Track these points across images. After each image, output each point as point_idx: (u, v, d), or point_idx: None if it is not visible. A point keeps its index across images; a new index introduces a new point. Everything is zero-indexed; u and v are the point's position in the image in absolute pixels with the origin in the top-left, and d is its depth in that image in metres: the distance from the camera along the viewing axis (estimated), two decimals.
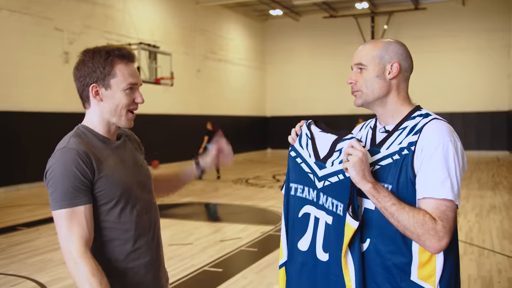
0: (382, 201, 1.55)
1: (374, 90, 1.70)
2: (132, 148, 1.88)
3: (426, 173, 1.55)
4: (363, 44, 1.77)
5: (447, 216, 1.51)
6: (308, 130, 1.87)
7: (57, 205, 1.59)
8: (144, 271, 1.76)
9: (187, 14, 17.74)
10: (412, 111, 1.70)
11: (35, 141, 11.47)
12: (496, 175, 13.02)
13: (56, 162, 1.61)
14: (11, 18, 11.19)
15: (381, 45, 1.72)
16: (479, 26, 19.86)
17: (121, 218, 1.70)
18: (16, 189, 11.16)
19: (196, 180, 12.51)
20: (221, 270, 5.00)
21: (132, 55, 1.75)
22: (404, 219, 1.52)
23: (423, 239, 1.51)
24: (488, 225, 6.89)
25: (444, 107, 20.25)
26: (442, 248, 1.51)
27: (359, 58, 1.73)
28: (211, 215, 8.70)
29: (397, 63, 1.68)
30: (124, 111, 1.73)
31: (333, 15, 21.88)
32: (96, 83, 1.70)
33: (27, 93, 11.55)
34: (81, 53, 1.74)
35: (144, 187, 1.82)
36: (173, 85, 14.98)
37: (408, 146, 1.59)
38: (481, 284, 4.47)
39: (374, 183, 1.57)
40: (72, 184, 1.58)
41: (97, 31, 13.61)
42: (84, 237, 1.58)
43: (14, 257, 5.61)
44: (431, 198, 1.53)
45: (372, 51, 1.70)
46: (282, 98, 23.50)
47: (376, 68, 1.69)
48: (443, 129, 1.59)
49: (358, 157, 1.55)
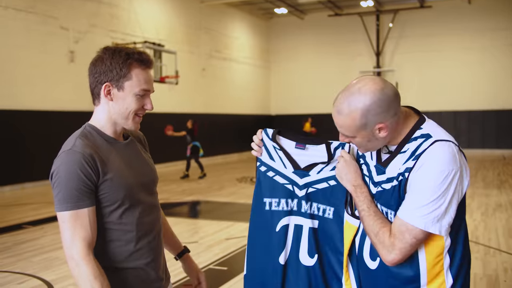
0: (357, 204, 1.66)
1: (373, 147, 1.65)
2: (139, 147, 1.89)
3: (408, 196, 1.55)
4: (337, 111, 1.59)
5: (402, 237, 1.52)
6: (274, 142, 1.85)
7: (61, 207, 1.61)
8: (146, 271, 1.77)
9: (192, 13, 17.75)
10: (413, 129, 1.61)
11: (40, 139, 11.52)
12: (502, 173, 12.97)
13: (61, 164, 1.62)
14: (17, 17, 11.23)
15: (358, 115, 1.54)
16: (484, 25, 19.77)
17: (123, 219, 1.72)
18: (22, 188, 11.21)
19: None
20: (226, 269, 5.01)
21: (150, 61, 1.75)
22: (366, 225, 1.62)
23: (376, 247, 1.59)
24: (494, 224, 6.87)
25: (449, 105, 20.18)
26: (391, 261, 1.55)
27: (342, 130, 1.62)
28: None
29: (382, 124, 1.55)
30: (132, 115, 1.74)
31: (338, 13, 21.83)
32: (110, 83, 1.70)
33: (33, 92, 11.59)
34: (101, 50, 1.74)
35: (147, 189, 1.83)
36: (178, 83, 15.00)
37: (404, 172, 1.57)
38: (486, 283, 4.46)
39: (356, 186, 1.68)
40: (77, 187, 1.60)
41: (103, 30, 13.64)
42: (87, 239, 1.60)
43: (20, 255, 5.64)
44: (399, 218, 1.54)
45: (353, 125, 1.56)
46: (287, 96, 23.48)
47: (365, 136, 1.59)
48: (441, 157, 1.50)
49: (341, 164, 1.72)
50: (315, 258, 1.82)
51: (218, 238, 6.24)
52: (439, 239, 1.56)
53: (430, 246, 1.57)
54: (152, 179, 1.88)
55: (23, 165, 11.27)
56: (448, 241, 1.56)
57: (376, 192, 1.66)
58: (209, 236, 6.37)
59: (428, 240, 1.56)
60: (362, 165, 1.76)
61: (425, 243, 1.57)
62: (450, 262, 1.58)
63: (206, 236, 6.40)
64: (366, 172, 1.73)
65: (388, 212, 1.63)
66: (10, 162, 10.98)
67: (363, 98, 1.53)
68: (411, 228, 1.51)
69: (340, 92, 1.62)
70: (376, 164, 1.68)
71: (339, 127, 1.62)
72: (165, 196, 9.65)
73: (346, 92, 1.58)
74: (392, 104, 1.54)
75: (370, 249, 1.69)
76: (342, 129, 1.61)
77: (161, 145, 15.52)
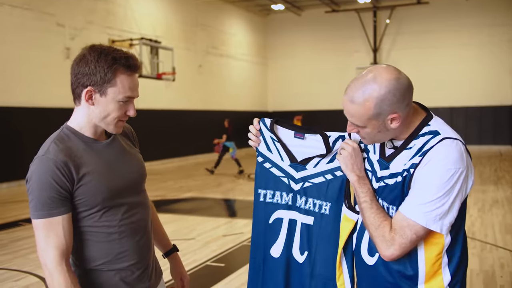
0: (359, 195, 1.64)
1: (381, 139, 1.62)
2: (123, 143, 1.81)
3: (411, 192, 1.54)
4: (350, 100, 1.55)
5: (403, 232, 1.51)
6: (272, 133, 1.83)
7: (34, 215, 1.57)
8: (132, 271, 1.73)
9: (189, 9, 17.70)
10: (420, 125, 1.58)
11: (36, 136, 11.44)
12: (499, 169, 13.00)
13: (34, 171, 1.58)
14: (12, 13, 11.17)
15: (372, 104, 1.50)
16: (481, 21, 19.78)
17: (104, 222, 1.67)
18: (18, 185, 11.18)
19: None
20: (223, 265, 5.01)
21: (137, 66, 1.67)
22: (367, 217, 1.60)
23: (375, 241, 1.58)
24: (491, 220, 6.89)
25: (446, 101, 20.20)
26: (390, 256, 1.54)
27: (353, 119, 1.57)
28: None
29: (396, 114, 1.52)
30: (114, 121, 1.67)
31: (335, 9, 21.80)
32: (92, 87, 1.61)
33: (29, 89, 11.55)
34: (87, 49, 1.64)
35: (132, 188, 1.76)
36: (175, 80, 14.98)
37: (409, 168, 1.55)
38: (483, 279, 4.47)
39: (360, 177, 1.65)
40: (49, 195, 1.55)
41: (99, 27, 13.59)
42: (61, 248, 1.56)
43: (17, 252, 5.63)
44: (401, 213, 1.54)
45: (366, 114, 1.53)
46: (284, 93, 23.46)
47: (376, 126, 1.55)
48: (449, 155, 1.48)
49: (348, 152, 1.66)
50: (305, 255, 1.80)
51: (215, 235, 6.24)
52: (439, 238, 1.55)
53: (430, 244, 1.56)
54: (137, 177, 1.79)
55: (20, 162, 11.22)
56: (448, 240, 1.56)
57: (378, 187, 1.65)
58: (206, 233, 6.37)
59: (428, 238, 1.55)
60: (365, 160, 1.74)
61: (425, 241, 1.56)
62: (449, 260, 1.58)
63: (204, 232, 6.40)
64: (368, 167, 1.71)
65: (389, 207, 1.62)
66: (6, 159, 10.95)
67: (378, 87, 1.49)
68: (413, 224, 1.50)
69: (352, 81, 1.57)
70: (379, 158, 1.66)
71: (350, 117, 1.58)
72: (162, 193, 9.64)
73: (359, 80, 1.54)
74: (406, 94, 1.52)
75: (368, 245, 1.69)
76: (353, 119, 1.57)
77: (157, 142, 15.51)
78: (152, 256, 1.86)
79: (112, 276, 1.69)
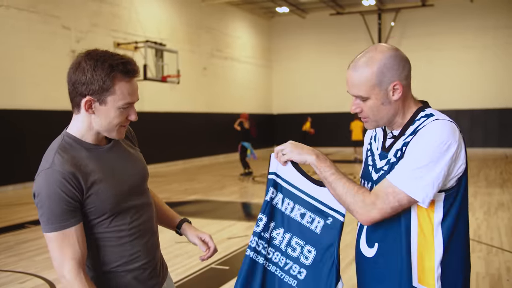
0: (323, 171, 1.63)
1: (383, 116, 1.64)
2: (124, 145, 1.80)
3: (401, 161, 1.55)
4: (353, 68, 1.60)
5: (386, 198, 1.52)
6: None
7: (46, 228, 1.56)
8: (144, 270, 1.76)
9: (193, 12, 17.75)
10: (416, 113, 1.63)
11: (42, 139, 11.48)
12: (504, 172, 12.94)
13: (42, 185, 1.55)
14: (18, 16, 11.24)
15: (375, 68, 1.56)
16: (486, 23, 19.73)
17: (115, 227, 1.68)
18: (24, 187, 11.22)
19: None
20: (228, 268, 5.01)
21: (136, 70, 1.63)
22: (338, 188, 1.60)
23: (351, 209, 1.57)
24: (496, 223, 6.85)
25: (451, 104, 20.14)
26: (369, 220, 1.55)
27: (356, 90, 1.60)
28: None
29: (398, 83, 1.57)
30: (116, 128, 1.65)
31: (340, 12, 21.80)
32: (91, 96, 1.58)
33: (35, 92, 11.60)
34: (82, 57, 1.60)
35: (136, 190, 1.76)
36: (180, 83, 15.01)
37: (401, 147, 1.59)
38: (489, 282, 4.45)
39: (318, 154, 1.66)
40: (60, 208, 1.54)
41: (104, 30, 13.64)
42: (77, 257, 1.57)
43: (22, 254, 5.64)
44: (387, 179, 1.55)
45: (369, 80, 1.57)
46: (289, 95, 23.47)
47: (379, 96, 1.59)
48: (439, 128, 1.51)
49: (288, 146, 1.70)
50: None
51: (220, 238, 6.23)
52: (430, 226, 1.56)
53: (422, 235, 1.57)
54: (140, 178, 1.79)
55: (25, 165, 11.27)
56: (440, 233, 1.56)
57: (377, 178, 1.66)
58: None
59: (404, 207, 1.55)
60: (368, 157, 1.77)
61: (418, 238, 1.57)
62: (443, 270, 1.58)
63: None
64: (370, 162, 1.74)
65: None
66: (12, 161, 10.99)
67: (380, 55, 1.57)
68: (397, 191, 1.51)
69: (357, 55, 1.65)
70: (381, 152, 1.69)
71: (353, 87, 1.61)
72: (166, 196, 9.66)
73: (362, 52, 1.63)
74: (406, 65, 1.60)
75: (366, 236, 1.69)
76: (356, 89, 1.60)
77: (161, 144, 15.53)
78: (159, 253, 1.89)
79: (126, 277, 1.71)
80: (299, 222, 1.74)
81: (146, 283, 1.77)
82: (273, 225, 1.77)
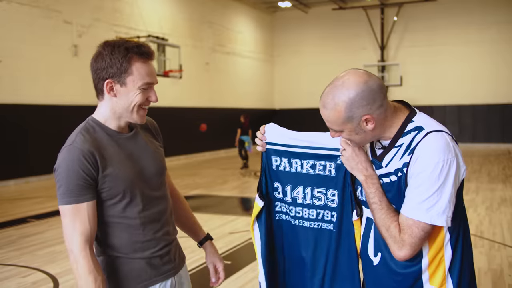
0: (368, 196, 1.63)
1: (363, 141, 1.65)
2: (145, 138, 1.89)
3: (408, 192, 1.56)
4: (322, 106, 1.60)
5: (411, 231, 1.53)
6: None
7: (62, 201, 1.66)
8: (154, 259, 1.82)
9: (195, 7, 17.70)
10: (404, 123, 1.61)
11: (43, 133, 11.54)
12: (507, 167, 12.92)
13: (62, 160, 1.67)
14: (20, 10, 11.22)
15: (342, 107, 1.54)
16: (489, 18, 19.64)
17: (126, 212, 1.76)
18: (26, 182, 11.25)
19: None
20: (230, 263, 5.01)
21: (151, 53, 1.75)
22: (377, 218, 1.61)
23: (387, 242, 1.59)
24: (499, 218, 6.85)
25: (454, 99, 20.09)
26: (402, 257, 1.56)
27: (329, 124, 1.62)
28: None
29: (368, 116, 1.55)
30: (136, 108, 1.75)
31: (342, 6, 21.73)
32: (111, 79, 1.71)
33: (36, 86, 11.60)
34: (101, 45, 1.74)
35: (151, 182, 1.83)
36: (182, 77, 15.01)
37: (402, 167, 1.58)
38: (491, 277, 4.45)
39: (367, 177, 1.64)
40: (76, 182, 1.64)
41: (106, 24, 13.62)
42: (85, 233, 1.65)
43: (25, 248, 5.66)
44: (404, 215, 1.56)
45: (339, 118, 1.57)
46: (291, 90, 23.43)
47: (352, 129, 1.59)
48: (435, 147, 1.51)
49: (349, 153, 1.67)
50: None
51: (222, 232, 6.24)
52: (440, 232, 1.58)
53: (431, 239, 1.58)
54: (156, 171, 1.86)
55: (28, 159, 11.30)
56: (448, 235, 1.58)
57: None
58: (213, 230, 6.37)
59: (430, 233, 1.57)
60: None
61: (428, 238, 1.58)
62: (452, 254, 1.59)
63: (210, 230, 6.40)
64: None
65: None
66: (14, 156, 11.01)
67: (346, 92, 1.54)
68: (418, 222, 1.52)
69: (326, 87, 1.62)
70: (372, 159, 1.69)
71: (326, 122, 1.63)
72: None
73: (330, 86, 1.60)
74: (377, 96, 1.55)
75: (374, 244, 1.70)
76: (329, 123, 1.63)
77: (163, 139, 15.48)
78: (173, 242, 1.94)
79: (138, 263, 1.79)
80: (313, 173, 1.81)
81: (160, 268, 1.84)
82: (290, 188, 1.86)
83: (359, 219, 1.75)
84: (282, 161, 1.86)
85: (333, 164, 1.78)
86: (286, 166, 1.86)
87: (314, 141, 1.80)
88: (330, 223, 1.81)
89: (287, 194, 1.86)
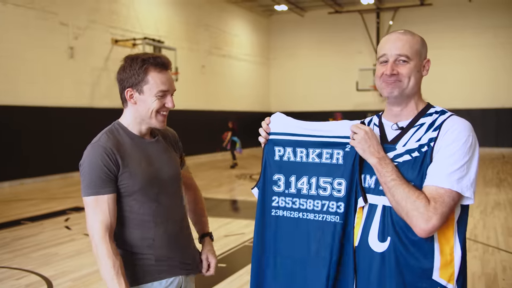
0: (384, 175, 1.61)
1: (413, 84, 1.71)
2: (165, 146, 2.07)
3: (437, 163, 1.58)
4: (402, 33, 1.72)
5: (442, 200, 1.53)
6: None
7: (85, 193, 1.85)
8: (167, 258, 1.97)
9: (192, 10, 17.71)
10: (426, 108, 1.73)
11: (39, 135, 11.50)
12: (501, 172, 12.97)
13: (86, 156, 1.87)
14: (16, 12, 11.20)
15: (419, 39, 1.72)
16: (485, 23, 19.74)
17: (142, 210, 1.92)
18: (21, 183, 11.20)
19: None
20: (225, 265, 5.01)
21: (166, 63, 1.92)
22: (398, 194, 1.56)
23: (410, 216, 1.54)
24: (493, 222, 6.87)
25: (449, 103, 20.13)
26: (428, 230, 1.53)
27: (404, 49, 1.68)
28: None
29: (429, 61, 1.74)
30: (154, 114, 1.92)
31: (338, 10, 21.79)
32: (131, 88, 1.91)
33: (32, 88, 11.57)
34: (123, 58, 1.95)
35: (166, 186, 1.99)
36: (178, 80, 14.98)
37: (428, 142, 1.62)
38: (485, 281, 4.46)
39: (380, 158, 1.62)
40: (98, 175, 1.83)
41: (102, 26, 13.60)
42: (105, 222, 1.82)
43: (19, 251, 5.63)
44: (434, 185, 1.56)
45: (416, 45, 1.70)
46: (287, 93, 23.46)
47: (418, 63, 1.71)
48: (462, 125, 1.61)
49: (361, 136, 1.64)
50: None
51: (217, 235, 6.23)
52: (451, 226, 1.61)
53: (442, 229, 1.61)
54: (171, 177, 2.02)
55: (22, 161, 11.26)
56: (457, 234, 1.63)
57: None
58: None
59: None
60: None
61: (438, 234, 1.62)
62: (459, 240, 1.64)
63: None
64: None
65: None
66: (9, 158, 10.96)
67: (416, 35, 1.75)
68: (450, 191, 1.54)
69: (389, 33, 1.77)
70: (384, 145, 1.69)
71: (400, 47, 1.68)
72: None
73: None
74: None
75: (381, 229, 1.65)
76: (403, 49, 1.68)
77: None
78: (187, 245, 2.09)
79: (147, 261, 1.93)
80: (319, 162, 1.78)
81: (169, 270, 1.97)
82: (295, 178, 1.81)
83: (360, 208, 1.71)
84: (286, 151, 1.83)
85: (341, 151, 1.74)
86: (290, 156, 1.82)
87: (322, 129, 1.77)
88: (335, 215, 1.74)
89: (291, 185, 1.81)
